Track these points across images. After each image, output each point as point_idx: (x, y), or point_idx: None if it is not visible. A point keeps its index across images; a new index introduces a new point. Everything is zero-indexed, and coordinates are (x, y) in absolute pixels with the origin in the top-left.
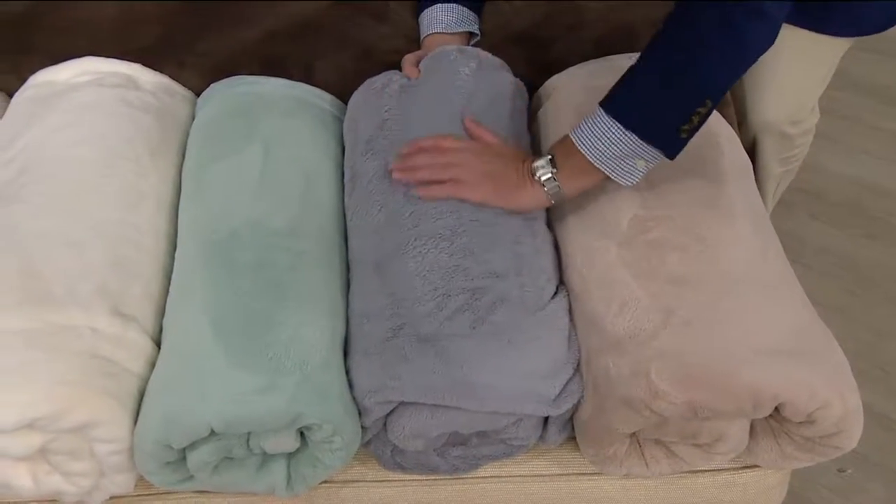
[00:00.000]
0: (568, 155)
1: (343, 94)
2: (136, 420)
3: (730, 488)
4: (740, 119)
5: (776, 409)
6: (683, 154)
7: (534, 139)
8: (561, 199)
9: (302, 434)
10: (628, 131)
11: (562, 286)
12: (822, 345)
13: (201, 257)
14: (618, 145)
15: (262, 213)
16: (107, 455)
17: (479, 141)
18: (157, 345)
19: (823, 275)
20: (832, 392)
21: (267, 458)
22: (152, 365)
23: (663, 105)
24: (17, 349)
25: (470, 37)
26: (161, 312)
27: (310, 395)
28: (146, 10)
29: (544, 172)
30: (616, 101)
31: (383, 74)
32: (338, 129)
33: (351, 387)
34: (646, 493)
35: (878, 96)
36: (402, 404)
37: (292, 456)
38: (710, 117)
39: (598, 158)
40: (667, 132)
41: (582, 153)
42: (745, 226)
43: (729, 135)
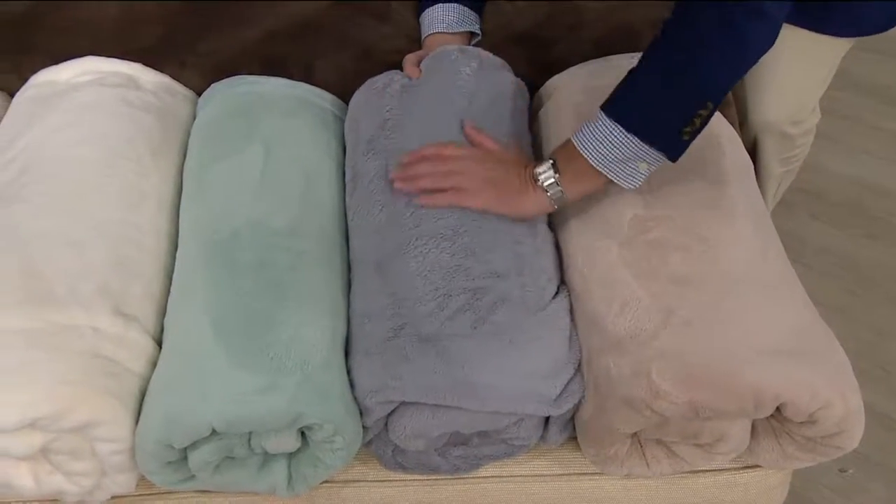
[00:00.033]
0: (570, 159)
1: (344, 93)
2: (137, 420)
3: (731, 488)
4: (741, 119)
5: (777, 409)
6: (685, 154)
7: (535, 139)
8: (564, 203)
9: (303, 434)
10: (630, 134)
11: (563, 286)
12: (824, 345)
13: (202, 257)
14: (620, 148)
15: (263, 213)
16: (108, 455)
17: (480, 148)
18: (159, 344)
19: (824, 275)
20: (834, 392)
21: (268, 458)
22: (153, 365)
23: (665, 107)
24: (19, 349)
25: (471, 37)
26: (162, 312)
27: (311, 395)
28: (147, 10)
29: (547, 177)
30: (617, 104)
31: (384, 74)
32: (339, 128)
33: (352, 387)
34: (647, 493)
35: (879, 96)
36: (403, 404)
37: (293, 456)
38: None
39: (601, 162)
40: (669, 134)
41: (584, 157)
42: (746, 226)
43: (730, 135)
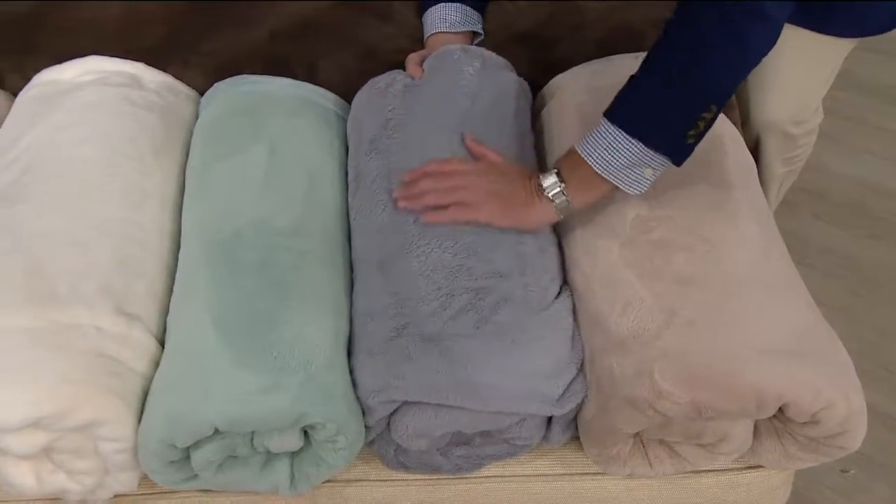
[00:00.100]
0: (575, 167)
1: (347, 93)
2: (140, 419)
3: (733, 488)
4: (743, 119)
5: (780, 410)
6: None
7: (537, 139)
8: (570, 213)
9: (306, 433)
10: (634, 139)
11: (565, 286)
12: (827, 345)
13: (205, 256)
14: (624, 154)
15: (266, 213)
16: (111, 454)
17: (482, 160)
18: (162, 344)
19: (827, 275)
20: (836, 392)
21: (271, 457)
22: (156, 364)
23: (668, 110)
24: (22, 348)
25: (473, 36)
26: (165, 311)
27: (314, 395)
28: (150, 10)
29: (553, 187)
30: (620, 110)
31: (387, 74)
32: (342, 128)
33: (355, 386)
34: (649, 493)
35: (882, 96)
36: (405, 404)
37: (296, 455)
38: None
39: (606, 169)
40: (673, 138)
41: (589, 164)
42: (749, 226)
43: (733, 135)
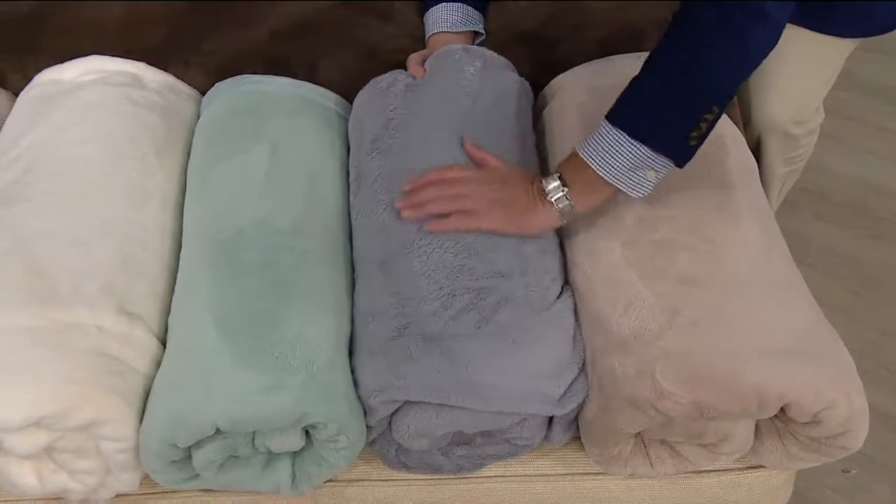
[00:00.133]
0: (577, 171)
1: (348, 93)
2: (141, 418)
3: (735, 488)
4: (745, 119)
5: (782, 410)
6: None
7: (539, 139)
8: (573, 217)
9: (307, 433)
10: (636, 141)
11: (567, 286)
12: (828, 345)
13: (207, 256)
14: (627, 157)
15: (268, 213)
16: (113, 453)
17: (482, 165)
18: (163, 343)
19: (828, 275)
20: (838, 392)
21: (272, 457)
22: (158, 363)
23: (670, 111)
24: (24, 347)
25: (475, 36)
26: (166, 311)
27: (315, 395)
28: (151, 10)
29: (555, 191)
30: (622, 112)
31: (389, 74)
32: (343, 128)
33: (356, 386)
34: (651, 493)
35: (884, 97)
36: (407, 403)
37: (297, 455)
38: None
39: (608, 172)
40: (676, 140)
41: (591, 168)
42: (751, 226)
43: (734, 135)
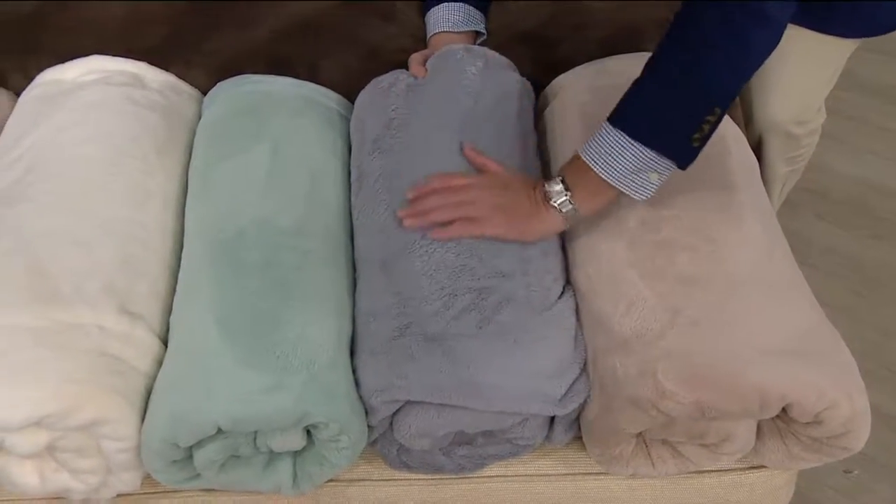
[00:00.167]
0: (580, 174)
1: (349, 93)
2: (143, 418)
3: (736, 488)
4: (746, 119)
5: (783, 410)
6: None
7: (540, 139)
8: (577, 220)
9: (308, 432)
10: (638, 143)
11: (568, 286)
12: (830, 345)
13: (208, 256)
14: (629, 159)
15: (269, 213)
16: (114, 453)
17: (483, 170)
18: (165, 343)
19: (829, 275)
20: (840, 392)
21: (273, 457)
22: (159, 363)
23: (672, 112)
24: (25, 347)
25: (476, 36)
26: (168, 311)
27: (317, 395)
28: (153, 9)
29: (559, 195)
30: (624, 114)
31: (390, 73)
32: (344, 128)
33: (357, 386)
34: (652, 493)
35: (885, 97)
36: (408, 403)
37: (299, 454)
38: None
39: (611, 175)
40: (678, 141)
41: (594, 171)
42: (753, 226)
43: (736, 134)
